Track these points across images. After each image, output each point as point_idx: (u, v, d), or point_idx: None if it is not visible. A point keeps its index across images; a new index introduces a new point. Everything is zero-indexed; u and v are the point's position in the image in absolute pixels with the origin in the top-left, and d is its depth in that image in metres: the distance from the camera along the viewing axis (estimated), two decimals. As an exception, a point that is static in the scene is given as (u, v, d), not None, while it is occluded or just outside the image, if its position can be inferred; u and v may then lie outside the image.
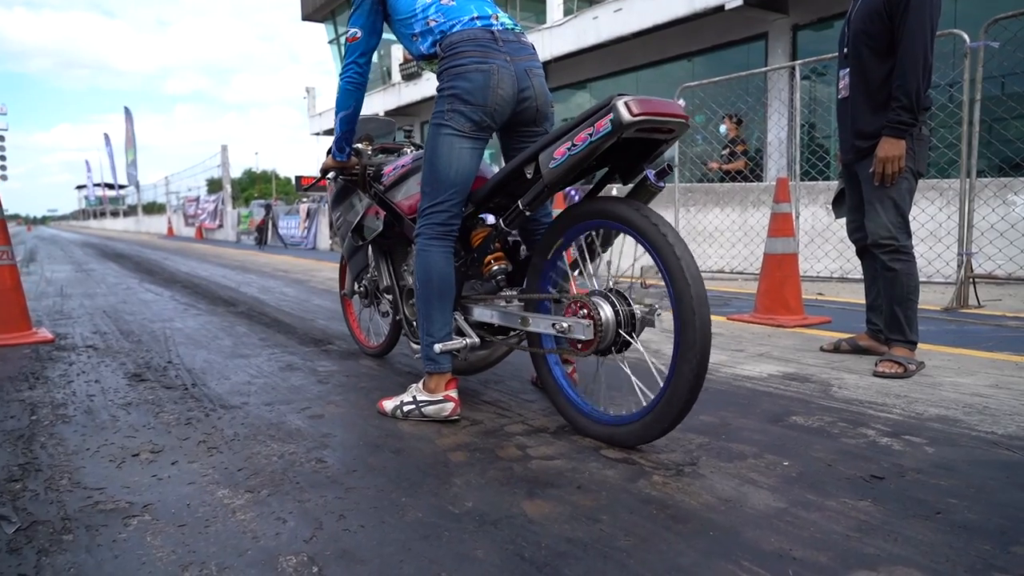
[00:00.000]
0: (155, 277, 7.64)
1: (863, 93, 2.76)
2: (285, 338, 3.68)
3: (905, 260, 2.73)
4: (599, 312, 1.84)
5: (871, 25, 2.69)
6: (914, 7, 2.56)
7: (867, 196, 2.79)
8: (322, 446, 1.93)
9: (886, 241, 2.72)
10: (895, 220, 2.71)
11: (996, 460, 1.76)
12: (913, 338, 2.76)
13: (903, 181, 2.69)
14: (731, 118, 8.16)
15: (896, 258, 2.72)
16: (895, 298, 2.76)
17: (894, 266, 2.73)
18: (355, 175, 2.69)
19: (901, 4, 2.58)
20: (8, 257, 3.54)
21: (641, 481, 1.64)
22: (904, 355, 2.73)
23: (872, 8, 2.69)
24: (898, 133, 2.61)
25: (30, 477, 1.71)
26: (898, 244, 2.71)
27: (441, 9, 2.14)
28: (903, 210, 2.71)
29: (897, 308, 2.76)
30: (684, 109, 1.84)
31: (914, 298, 2.76)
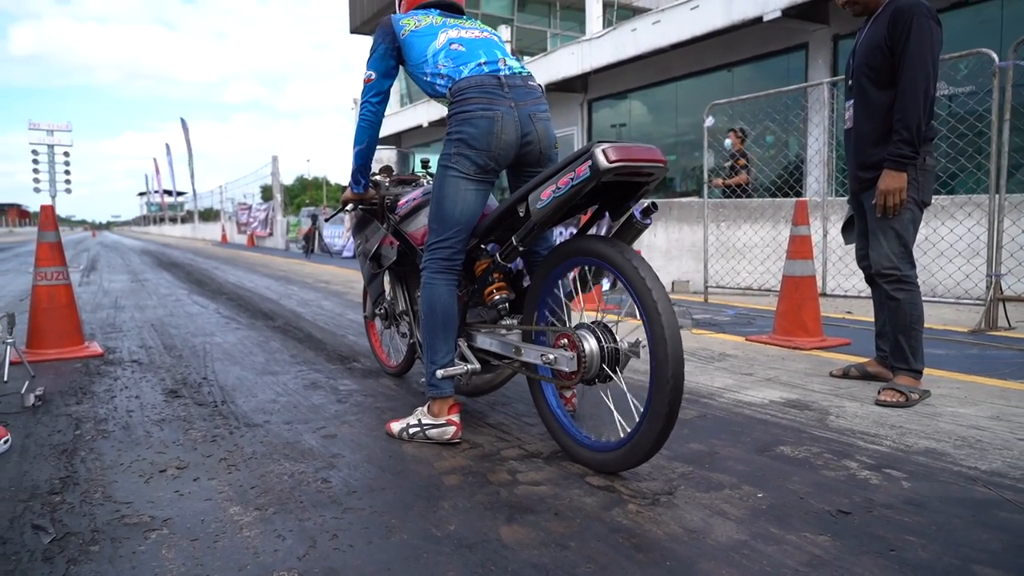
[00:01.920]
0: (204, 288, 8.01)
1: (866, 124, 2.81)
2: (314, 354, 3.88)
3: (908, 290, 2.77)
4: (583, 345, 1.96)
5: (873, 58, 2.74)
6: (914, 42, 2.61)
7: (871, 226, 2.84)
8: (330, 466, 2.09)
9: (888, 271, 2.77)
10: (897, 250, 2.75)
11: (969, 497, 1.81)
12: (917, 367, 2.79)
13: (906, 212, 2.73)
14: (736, 132, 8.17)
15: (899, 288, 2.77)
16: (899, 327, 2.80)
17: (897, 295, 2.77)
18: (374, 205, 2.88)
19: (901, 38, 2.63)
20: (64, 277, 3.82)
21: (616, 509, 1.75)
22: (907, 384, 2.76)
23: (874, 42, 2.74)
24: (899, 166, 2.65)
25: (68, 490, 1.92)
26: (900, 274, 2.75)
27: (451, 55, 2.29)
28: (906, 240, 2.75)
29: (901, 337, 2.80)
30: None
31: (918, 327, 2.79)
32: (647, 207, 2.02)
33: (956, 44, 8.92)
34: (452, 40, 2.32)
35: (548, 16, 21.55)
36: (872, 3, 2.81)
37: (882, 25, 2.72)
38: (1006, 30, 8.31)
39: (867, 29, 2.84)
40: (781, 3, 9.49)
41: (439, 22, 2.42)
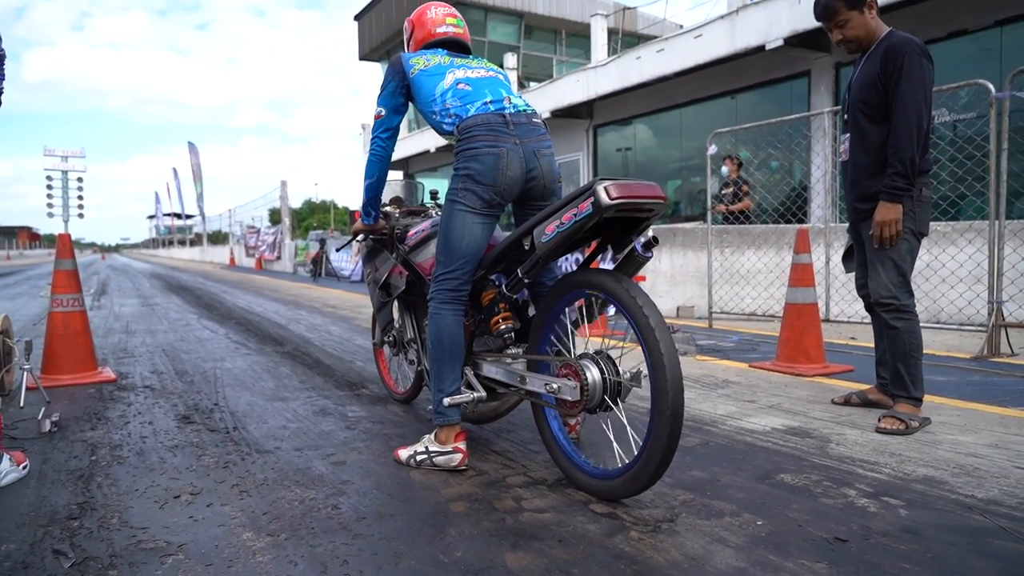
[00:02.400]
0: (213, 313, 8.09)
1: (862, 158, 2.89)
2: (323, 380, 3.94)
3: (906, 318, 2.82)
4: (586, 375, 2.01)
5: (868, 94, 2.82)
6: (906, 79, 2.69)
7: (869, 256, 2.90)
8: (340, 492, 2.14)
9: (887, 300, 2.82)
10: (895, 280, 2.80)
11: (965, 525, 1.85)
12: (916, 394, 2.83)
13: (903, 242, 2.79)
14: (731, 159, 8.29)
15: (897, 317, 2.82)
16: (898, 355, 2.84)
17: (896, 324, 2.82)
18: (384, 235, 2.97)
19: (893, 75, 2.72)
20: (79, 304, 3.91)
21: (618, 536, 1.79)
22: (907, 411, 2.80)
23: (868, 78, 2.82)
24: (894, 198, 2.72)
25: (86, 515, 1.97)
26: (899, 303, 2.81)
27: (458, 94, 2.38)
28: (904, 270, 2.81)
29: (900, 365, 2.84)
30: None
31: (917, 355, 2.84)
32: (648, 241, 2.09)
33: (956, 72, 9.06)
34: (459, 80, 2.41)
35: (554, 43, 21.86)
36: (865, 41, 2.88)
37: (875, 62, 2.80)
38: (1005, 58, 8.42)
39: (862, 65, 2.91)
40: (783, 32, 9.64)
41: (447, 62, 2.51)
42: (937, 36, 8.86)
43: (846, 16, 2.86)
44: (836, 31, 2.92)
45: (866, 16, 2.86)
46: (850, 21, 2.86)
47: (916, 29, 8.83)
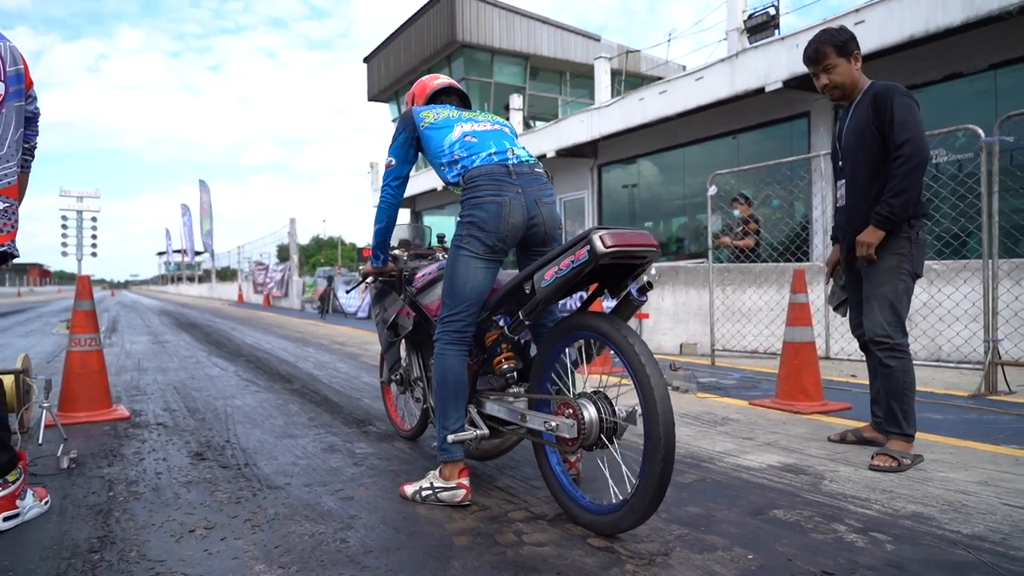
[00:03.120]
0: (222, 350, 8.22)
1: (860, 204, 2.96)
2: (331, 417, 4.04)
3: (899, 357, 2.89)
4: (584, 414, 2.11)
5: (863, 140, 2.92)
6: (899, 117, 2.79)
7: (865, 293, 2.99)
8: (348, 527, 2.23)
9: (881, 339, 2.90)
10: (890, 319, 2.88)
11: (948, 560, 1.92)
12: (909, 432, 2.90)
13: (900, 282, 2.88)
14: (739, 200, 8.45)
15: (891, 355, 2.89)
16: (891, 393, 2.92)
17: (889, 363, 2.90)
18: (392, 277, 3.10)
19: (887, 117, 2.81)
20: (96, 343, 4.04)
21: (614, 569, 1.87)
22: (900, 449, 2.87)
23: (861, 125, 2.93)
24: (883, 224, 2.82)
25: (106, 549, 2.06)
26: (893, 342, 2.88)
27: (465, 145, 2.52)
28: (899, 310, 2.89)
29: (894, 403, 2.91)
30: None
31: (910, 393, 2.91)
32: (643, 286, 2.20)
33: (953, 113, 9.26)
34: (467, 133, 2.56)
35: (559, 84, 22.30)
36: (849, 90, 3.01)
37: (866, 109, 2.92)
38: (1000, 100, 8.61)
39: (851, 115, 3.02)
40: (782, 75, 9.87)
41: (455, 115, 2.66)
42: (933, 79, 9.08)
43: (834, 62, 2.98)
44: (823, 76, 3.03)
45: (851, 65, 2.99)
46: (837, 67, 2.98)
47: (912, 72, 9.07)
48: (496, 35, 20.70)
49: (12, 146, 2.34)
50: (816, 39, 3.04)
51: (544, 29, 21.55)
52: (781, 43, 9.89)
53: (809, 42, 3.07)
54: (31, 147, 2.52)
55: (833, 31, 3.03)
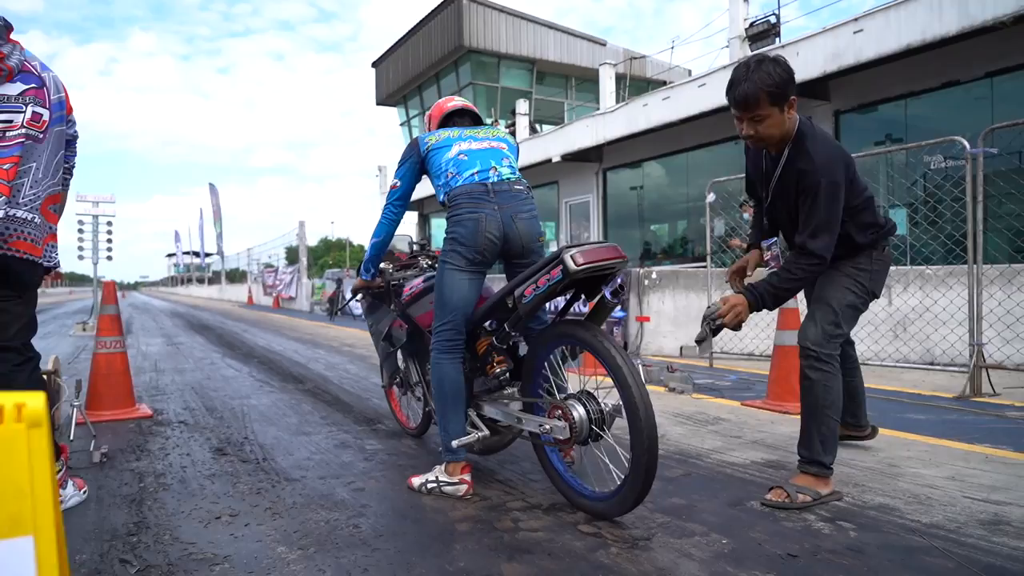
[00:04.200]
0: (235, 351, 8.46)
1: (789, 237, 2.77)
2: (342, 416, 4.26)
3: (825, 371, 2.57)
4: (573, 413, 2.32)
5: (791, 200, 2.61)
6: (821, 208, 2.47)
7: (814, 296, 2.73)
8: (360, 515, 2.44)
9: (811, 348, 2.59)
10: (829, 330, 2.60)
11: (904, 545, 2.11)
12: (824, 459, 2.55)
13: (849, 294, 2.63)
14: (747, 203, 8.61)
15: (813, 367, 2.58)
16: (808, 408, 2.60)
17: (810, 374, 2.59)
18: (381, 290, 3.31)
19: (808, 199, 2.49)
20: (121, 346, 4.27)
21: (600, 551, 2.08)
22: (804, 483, 2.54)
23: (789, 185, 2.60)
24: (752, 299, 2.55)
25: (142, 532, 2.29)
26: (820, 353, 2.57)
27: (456, 164, 2.73)
28: (839, 320, 2.62)
29: (810, 421, 2.59)
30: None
31: (830, 413, 2.57)
32: (615, 289, 2.40)
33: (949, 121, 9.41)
34: (461, 151, 2.77)
35: (565, 88, 22.51)
36: (777, 143, 2.57)
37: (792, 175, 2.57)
38: (997, 107, 8.76)
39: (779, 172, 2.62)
40: (782, 82, 10.04)
41: (456, 135, 2.87)
42: (931, 86, 9.24)
43: (766, 111, 2.45)
44: (748, 124, 2.51)
45: (785, 115, 2.49)
46: (768, 118, 2.47)
47: (910, 79, 9.22)
48: (503, 40, 20.93)
49: (55, 167, 2.57)
50: (749, 78, 2.44)
51: (550, 34, 21.77)
52: (782, 51, 10.05)
53: (736, 78, 2.48)
54: (70, 167, 2.75)
55: (767, 72, 2.43)
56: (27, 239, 2.42)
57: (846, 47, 9.10)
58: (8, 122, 2.40)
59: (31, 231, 2.44)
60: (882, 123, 10.27)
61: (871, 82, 9.56)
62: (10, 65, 2.41)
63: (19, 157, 2.40)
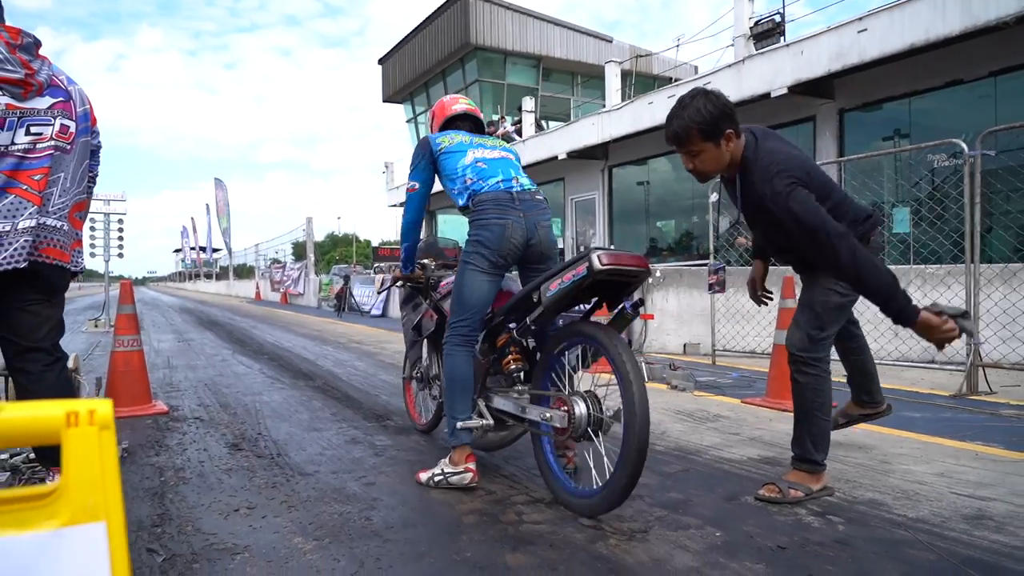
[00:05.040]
0: (246, 348, 8.61)
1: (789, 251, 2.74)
2: (352, 413, 4.38)
3: (814, 374, 2.63)
4: (575, 408, 2.44)
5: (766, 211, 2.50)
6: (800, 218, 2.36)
7: (800, 300, 2.75)
8: (371, 507, 2.56)
9: (800, 353, 2.65)
10: (813, 333, 2.62)
11: (888, 538, 2.22)
12: (816, 457, 2.65)
13: (834, 295, 2.60)
14: None
15: (800, 370, 2.65)
16: (800, 412, 2.69)
17: (798, 378, 2.67)
18: (420, 284, 3.45)
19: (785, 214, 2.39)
20: (138, 344, 4.40)
21: (599, 543, 2.20)
22: (796, 479, 2.64)
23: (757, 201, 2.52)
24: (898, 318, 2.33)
25: (166, 523, 2.41)
26: (807, 356, 2.63)
27: (476, 171, 2.85)
28: (825, 324, 2.63)
29: (801, 421, 2.68)
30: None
31: (821, 415, 2.66)
32: (636, 302, 2.52)
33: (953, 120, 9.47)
34: (478, 159, 2.88)
35: (571, 85, 22.56)
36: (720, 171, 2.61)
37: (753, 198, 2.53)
38: (1000, 106, 8.81)
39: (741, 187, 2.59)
40: (787, 81, 10.10)
41: (467, 140, 2.98)
42: (935, 85, 9.29)
43: (699, 147, 2.49)
44: (686, 158, 2.58)
45: (722, 149, 2.49)
46: (703, 153, 2.51)
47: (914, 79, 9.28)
48: (509, 37, 20.99)
49: (80, 175, 2.69)
50: (679, 115, 2.49)
51: (556, 31, 21.82)
52: (786, 50, 10.12)
53: (671, 114, 2.53)
54: (94, 175, 2.87)
55: (697, 108, 2.45)
56: (56, 246, 2.55)
57: (850, 46, 9.15)
58: (39, 135, 2.52)
59: (60, 238, 2.57)
60: (886, 121, 10.32)
61: (875, 81, 9.60)
62: (40, 80, 2.53)
63: (49, 168, 2.53)
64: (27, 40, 2.51)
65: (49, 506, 0.75)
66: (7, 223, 2.42)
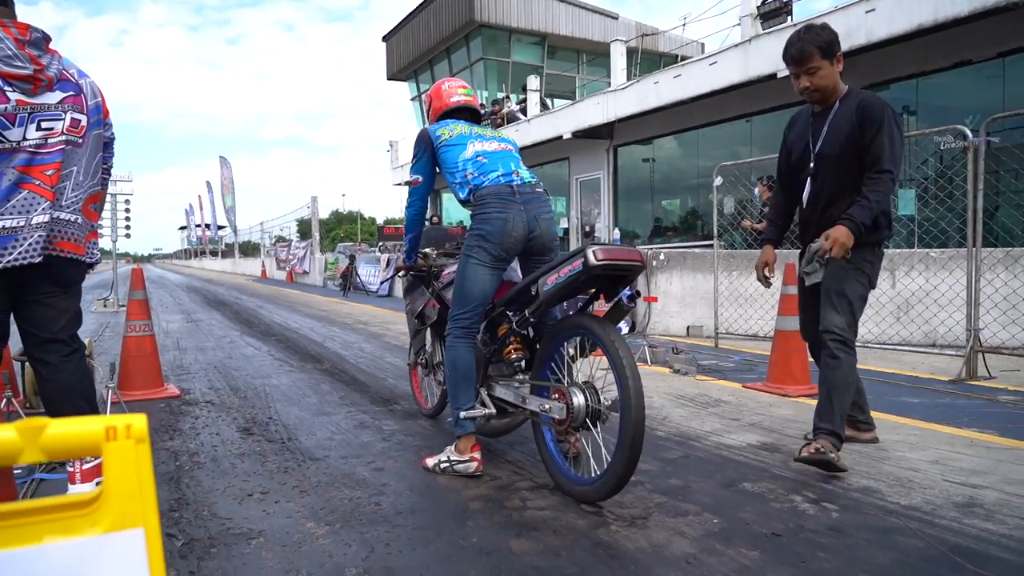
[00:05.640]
0: (253, 329, 8.71)
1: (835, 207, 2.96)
2: (359, 396, 4.47)
3: (847, 352, 2.89)
4: (573, 400, 2.51)
5: (845, 147, 2.91)
6: (887, 137, 2.79)
7: (826, 287, 2.95)
8: (380, 493, 2.65)
9: (842, 333, 2.89)
10: (848, 321, 2.91)
11: (880, 526, 2.30)
12: (840, 432, 2.86)
13: (860, 286, 2.92)
14: (762, 181, 8.70)
15: (842, 348, 2.89)
16: (833, 384, 2.87)
17: (838, 354, 2.88)
18: (422, 272, 3.51)
19: (872, 130, 2.81)
20: (149, 329, 4.49)
21: (600, 529, 2.28)
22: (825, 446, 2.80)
23: (842, 133, 2.90)
24: (854, 228, 2.78)
25: (183, 508, 2.50)
26: (845, 337, 2.89)
27: (476, 165, 2.89)
28: (855, 312, 2.93)
29: (833, 395, 2.87)
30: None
31: (849, 392, 2.91)
32: (632, 294, 2.58)
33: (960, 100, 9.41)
34: (478, 152, 2.92)
35: (576, 63, 22.40)
36: (831, 93, 2.96)
37: (847, 117, 2.89)
38: (1008, 87, 8.76)
39: (829, 121, 2.97)
40: (793, 61, 10.04)
41: (467, 131, 3.02)
42: (942, 66, 9.23)
43: (818, 64, 2.89)
44: (804, 78, 2.93)
45: (835, 68, 2.92)
46: (821, 70, 2.90)
47: (922, 59, 9.23)
48: (514, 14, 20.83)
49: (93, 168, 2.75)
50: (800, 38, 2.92)
51: (562, 8, 21.62)
52: (793, 29, 10.01)
53: (791, 40, 2.95)
54: (108, 167, 2.93)
55: (817, 30, 2.92)
56: (71, 239, 2.61)
57: (858, 27, 9.08)
58: (49, 130, 2.57)
59: (74, 231, 2.63)
60: (894, 102, 10.05)
61: (883, 61, 9.54)
62: (49, 76, 2.57)
63: (60, 163, 2.58)
64: (36, 35, 2.55)
65: (92, 514, 0.82)
66: (21, 218, 2.48)
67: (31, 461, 0.80)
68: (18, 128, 2.49)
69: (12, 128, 2.48)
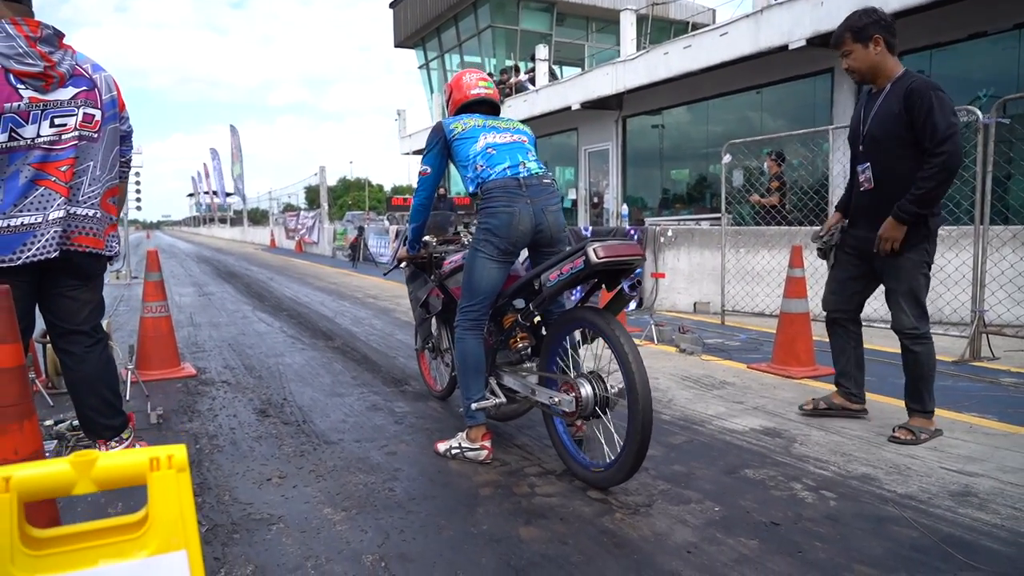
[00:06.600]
0: (264, 303, 8.82)
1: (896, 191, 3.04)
2: (371, 376, 4.57)
3: (925, 343, 3.16)
4: (581, 391, 2.59)
5: (895, 130, 3.03)
6: (939, 119, 2.87)
7: (889, 288, 3.20)
8: (393, 478, 2.75)
9: (910, 331, 3.14)
10: (916, 312, 3.13)
11: (876, 515, 2.38)
12: (930, 408, 3.21)
13: (921, 276, 3.11)
14: (770, 155, 8.66)
15: (918, 343, 3.15)
16: (917, 376, 3.19)
17: (916, 349, 3.15)
18: (424, 260, 3.57)
19: (922, 114, 2.92)
20: (165, 310, 4.58)
21: (606, 517, 2.37)
22: (920, 425, 3.17)
23: (891, 116, 3.04)
24: (903, 219, 2.98)
25: (206, 493, 2.61)
26: (919, 332, 3.14)
27: (485, 158, 2.93)
28: (922, 301, 3.15)
29: (920, 384, 3.19)
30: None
31: (932, 375, 3.20)
32: (633, 284, 2.64)
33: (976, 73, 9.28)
34: (489, 144, 2.96)
35: (585, 30, 22.08)
36: (871, 76, 3.14)
37: (895, 102, 3.03)
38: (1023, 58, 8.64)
39: (879, 103, 3.12)
40: (806, 33, 9.90)
41: (480, 124, 3.05)
42: (957, 37, 9.09)
43: (850, 47, 3.13)
44: (842, 59, 3.20)
45: (870, 51, 3.08)
46: (853, 52, 3.12)
47: (936, 31, 9.10)
48: (522, -20, 20.48)
49: (111, 162, 2.81)
50: (842, 23, 3.16)
51: (571, -27, 21.23)
52: (806, 1, 9.88)
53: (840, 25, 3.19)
54: (127, 160, 2.98)
55: (856, 16, 3.11)
56: (88, 233, 2.68)
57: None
58: (63, 126, 2.62)
59: (92, 226, 2.70)
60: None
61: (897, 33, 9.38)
62: (61, 72, 2.61)
63: (75, 159, 2.64)
64: (47, 32, 2.58)
65: (140, 537, 0.90)
66: (38, 215, 2.55)
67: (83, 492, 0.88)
68: (32, 125, 2.54)
69: (26, 125, 2.53)
